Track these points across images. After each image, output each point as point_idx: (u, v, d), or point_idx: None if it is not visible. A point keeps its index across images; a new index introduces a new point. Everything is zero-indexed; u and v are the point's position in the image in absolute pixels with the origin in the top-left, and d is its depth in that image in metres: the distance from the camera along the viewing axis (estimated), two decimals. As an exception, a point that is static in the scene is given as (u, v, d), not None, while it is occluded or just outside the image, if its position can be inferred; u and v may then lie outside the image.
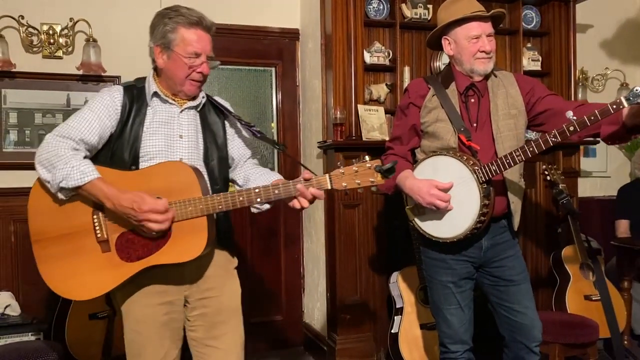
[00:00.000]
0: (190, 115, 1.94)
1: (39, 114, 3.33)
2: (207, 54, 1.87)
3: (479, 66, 2.17)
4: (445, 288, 2.25)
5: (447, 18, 2.19)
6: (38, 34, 3.29)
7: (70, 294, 1.82)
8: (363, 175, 1.73)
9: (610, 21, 4.45)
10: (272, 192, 1.77)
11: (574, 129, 1.88)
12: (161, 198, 1.73)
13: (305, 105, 3.82)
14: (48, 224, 1.80)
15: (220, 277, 1.96)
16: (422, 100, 2.25)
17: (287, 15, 3.82)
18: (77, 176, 1.71)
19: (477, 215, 2.07)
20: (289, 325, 3.85)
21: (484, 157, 2.13)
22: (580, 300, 3.27)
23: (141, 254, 1.76)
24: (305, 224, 3.86)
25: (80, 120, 1.80)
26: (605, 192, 4.43)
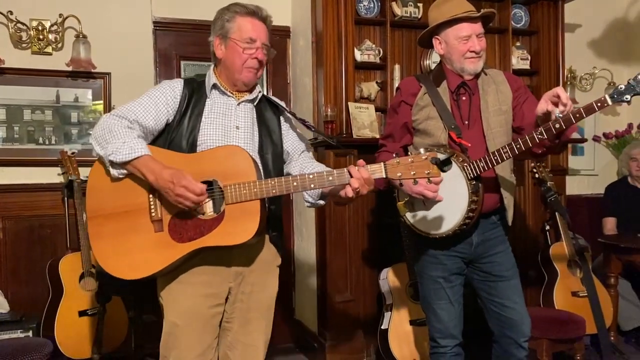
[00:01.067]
0: (247, 108, 1.98)
1: (27, 110, 3.31)
2: (262, 42, 1.92)
3: (469, 65, 2.20)
4: (435, 283, 2.28)
5: (438, 18, 2.21)
6: (27, 29, 3.26)
7: (120, 272, 1.80)
8: (418, 167, 1.71)
9: (599, 21, 4.50)
10: (326, 179, 1.76)
11: (560, 126, 1.91)
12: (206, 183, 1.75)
13: (296, 103, 3.82)
14: (104, 202, 1.82)
15: (264, 273, 1.98)
16: (413, 98, 2.28)
17: (278, 12, 3.76)
18: (125, 151, 1.74)
19: (466, 211, 2.10)
20: (280, 322, 3.84)
21: (475, 154, 2.16)
22: (567, 296, 3.31)
23: (192, 235, 1.77)
24: (296, 221, 3.86)
25: (137, 104, 1.86)
26: (593, 190, 4.48)
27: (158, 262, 1.78)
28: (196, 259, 1.84)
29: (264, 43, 1.92)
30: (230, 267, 1.90)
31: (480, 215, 2.18)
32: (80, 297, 3.04)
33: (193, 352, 1.87)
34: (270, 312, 2.03)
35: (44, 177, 3.31)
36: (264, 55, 1.93)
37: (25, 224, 3.28)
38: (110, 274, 1.81)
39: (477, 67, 2.21)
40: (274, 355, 3.63)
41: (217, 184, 1.79)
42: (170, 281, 1.86)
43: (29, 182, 3.30)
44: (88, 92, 3.41)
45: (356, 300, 3.35)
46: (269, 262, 2.00)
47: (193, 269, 1.85)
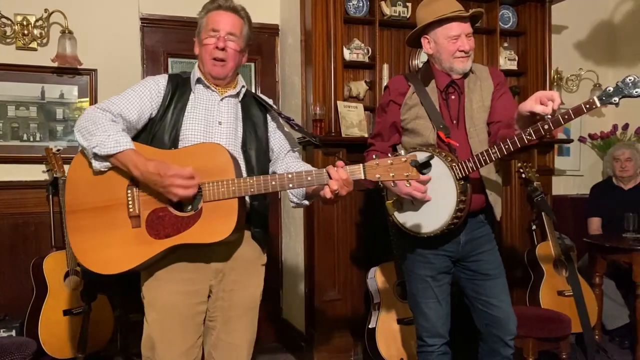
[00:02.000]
0: (231, 104, 1.97)
1: (12, 106, 3.26)
2: (227, 31, 1.90)
3: (457, 65, 2.21)
4: (423, 282, 2.28)
5: (427, 17, 2.21)
6: (11, 24, 3.21)
7: (97, 267, 1.80)
8: (397, 169, 1.70)
9: (585, 22, 4.54)
10: (304, 179, 1.75)
11: (549, 127, 1.91)
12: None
13: (285, 101, 3.81)
14: (84, 196, 1.81)
15: (247, 271, 1.97)
16: (402, 97, 2.28)
17: (266, 10, 3.80)
18: (110, 144, 1.73)
19: (454, 210, 2.10)
20: (267, 321, 3.84)
21: (463, 154, 2.17)
22: (553, 295, 3.34)
23: (170, 232, 1.76)
24: (285, 219, 3.85)
25: (122, 98, 1.86)
26: (579, 190, 4.53)
27: (134, 258, 1.78)
28: (175, 255, 1.83)
29: (229, 32, 1.90)
30: (210, 264, 1.89)
31: (468, 214, 2.19)
32: (65, 296, 3.00)
33: (177, 350, 1.86)
34: (254, 311, 2.01)
35: (28, 175, 3.27)
36: (227, 43, 1.89)
37: (9, 221, 3.23)
38: (88, 268, 1.81)
39: (466, 67, 2.22)
40: (261, 355, 3.62)
41: None
42: (152, 277, 1.86)
43: (13, 179, 3.25)
44: (74, 89, 3.37)
45: (344, 300, 3.35)
46: (251, 261, 1.98)
47: (173, 265, 1.85)
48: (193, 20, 3.51)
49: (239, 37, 1.93)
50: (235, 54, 1.92)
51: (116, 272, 1.79)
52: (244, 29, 1.95)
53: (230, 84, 1.99)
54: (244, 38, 1.96)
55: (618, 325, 3.69)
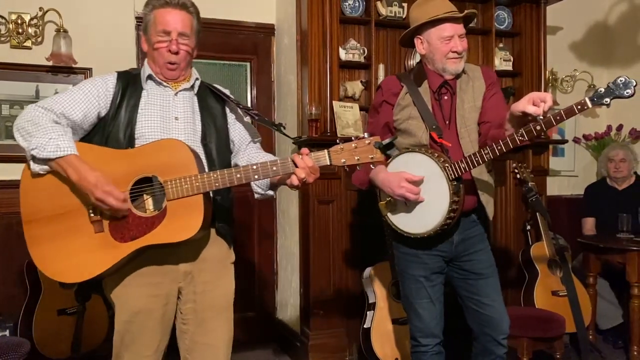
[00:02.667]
0: (187, 97, 1.93)
1: (6, 105, 3.24)
2: (179, 31, 1.85)
3: (450, 66, 2.21)
4: (417, 282, 2.29)
5: (420, 17, 2.21)
6: (6, 23, 3.20)
7: (62, 276, 1.75)
8: (362, 152, 1.70)
9: (580, 24, 4.56)
10: (270, 169, 1.73)
11: (540, 128, 1.92)
12: (124, 191, 1.71)
13: (280, 101, 3.81)
14: (40, 204, 1.75)
15: (215, 271, 1.94)
16: (395, 98, 2.28)
17: (262, 10, 3.80)
18: (51, 148, 1.68)
19: (447, 211, 2.10)
20: (262, 321, 3.85)
21: (456, 154, 2.17)
22: (547, 295, 3.35)
23: (135, 234, 1.72)
24: (280, 219, 3.85)
25: (66, 96, 1.79)
26: (573, 190, 4.54)
27: (101, 264, 1.73)
28: (142, 258, 1.79)
29: (181, 33, 1.85)
30: (178, 266, 1.86)
31: (461, 214, 2.20)
32: (59, 296, 2.99)
33: (148, 350, 1.85)
34: (228, 311, 1.98)
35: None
36: (180, 45, 1.85)
37: (3, 221, 3.21)
38: (53, 278, 1.75)
39: (459, 68, 2.22)
40: (255, 355, 3.62)
41: (157, 180, 1.73)
42: (118, 283, 1.82)
43: (7, 178, 3.22)
44: (69, 88, 3.35)
45: (339, 299, 3.35)
46: (220, 260, 1.95)
47: (140, 270, 1.81)
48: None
49: (191, 36, 1.88)
50: (186, 55, 1.89)
51: (83, 279, 1.75)
52: (194, 25, 1.90)
53: (183, 78, 1.94)
54: (195, 34, 1.91)
55: (612, 325, 3.71)
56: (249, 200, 3.79)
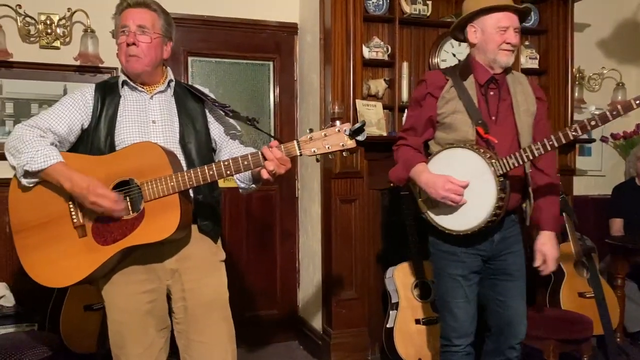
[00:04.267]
0: (163, 100, 1.96)
1: (35, 104, 3.31)
2: (137, 24, 1.88)
3: (502, 57, 2.16)
4: (454, 281, 2.26)
5: (476, 6, 2.18)
6: (35, 23, 3.26)
7: (51, 282, 1.82)
8: (332, 139, 1.70)
9: (608, 20, 4.47)
10: (241, 163, 1.75)
11: (595, 123, 1.91)
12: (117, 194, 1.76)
13: (303, 100, 3.81)
14: (27, 214, 1.82)
15: (202, 269, 1.95)
16: (439, 91, 2.23)
17: (285, 9, 3.81)
18: (40, 159, 1.74)
19: (493, 208, 2.07)
20: (284, 319, 3.86)
21: (501, 151, 2.13)
22: (574, 297, 3.29)
23: (116, 237, 1.77)
24: (301, 218, 3.86)
25: (50, 113, 1.87)
26: (600, 190, 4.45)
27: (85, 267, 1.78)
28: (129, 260, 1.85)
29: (139, 25, 1.88)
30: (163, 264, 1.90)
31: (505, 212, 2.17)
32: (86, 292, 3.03)
33: (139, 347, 1.89)
34: (223, 309, 1.98)
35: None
36: (137, 37, 1.87)
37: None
38: (43, 284, 1.82)
39: (509, 61, 2.18)
40: (278, 353, 3.64)
41: (133, 183, 1.78)
42: (108, 283, 1.87)
43: (36, 176, 3.30)
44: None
45: (361, 299, 3.34)
46: (206, 257, 1.96)
47: (126, 269, 1.86)
48: (214, 19, 3.59)
49: (151, 30, 1.90)
50: (148, 48, 1.89)
51: (69, 283, 1.82)
52: (158, 22, 1.92)
53: (158, 81, 1.97)
54: (160, 30, 1.92)
55: (640, 328, 3.63)
56: (271, 199, 3.83)
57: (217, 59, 3.70)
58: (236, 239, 3.72)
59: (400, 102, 3.48)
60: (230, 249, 2.08)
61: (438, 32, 3.62)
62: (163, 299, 1.93)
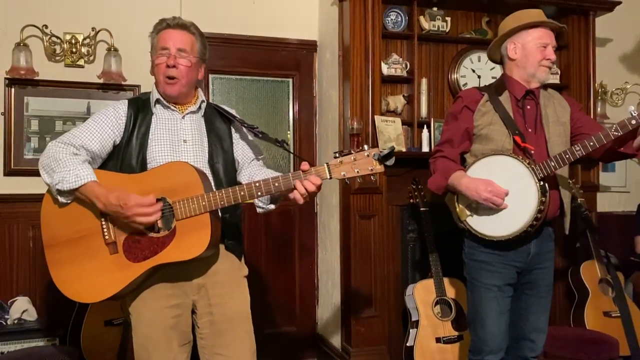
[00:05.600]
0: (194, 120, 1.99)
1: (59, 121, 3.38)
2: (177, 47, 1.92)
3: (541, 73, 2.23)
4: (488, 292, 2.24)
5: (517, 23, 2.24)
6: (61, 43, 3.34)
7: (81, 297, 1.85)
8: (362, 164, 1.72)
9: (631, 35, 4.41)
10: (272, 185, 1.77)
11: (636, 122, 1.92)
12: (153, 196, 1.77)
13: (322, 116, 3.83)
14: (59, 229, 1.85)
15: (228, 284, 1.98)
16: (475, 104, 2.28)
17: (305, 27, 3.84)
18: (72, 179, 1.77)
19: (535, 212, 2.08)
20: (303, 336, 3.83)
21: (538, 159, 2.16)
22: (599, 316, 3.22)
23: (147, 254, 1.79)
24: (320, 234, 3.85)
25: (83, 129, 1.89)
26: (625, 207, 4.37)
27: (116, 284, 1.80)
28: (157, 277, 1.86)
29: (179, 49, 1.91)
30: (191, 280, 1.91)
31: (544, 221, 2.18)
32: (107, 307, 3.06)
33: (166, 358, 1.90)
34: (246, 324, 2.00)
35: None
36: (178, 60, 1.90)
37: (54, 233, 3.32)
38: (72, 299, 1.84)
39: (548, 77, 2.26)
40: (296, 370, 3.61)
41: (165, 202, 1.80)
42: (135, 297, 1.90)
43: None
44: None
45: (381, 316, 3.30)
46: (231, 272, 1.99)
47: (156, 285, 1.88)
48: (235, 38, 3.63)
49: (190, 53, 1.94)
50: (187, 70, 1.93)
51: (100, 299, 1.83)
52: (196, 45, 1.97)
53: (190, 101, 2.00)
54: (197, 53, 1.97)
55: (669, 349, 3.52)
56: (290, 214, 3.83)
57: (238, 76, 3.74)
58: (255, 255, 3.72)
59: (419, 118, 3.48)
60: (249, 265, 2.09)
61: (457, 48, 3.62)
62: (188, 314, 1.95)
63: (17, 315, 2.97)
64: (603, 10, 3.77)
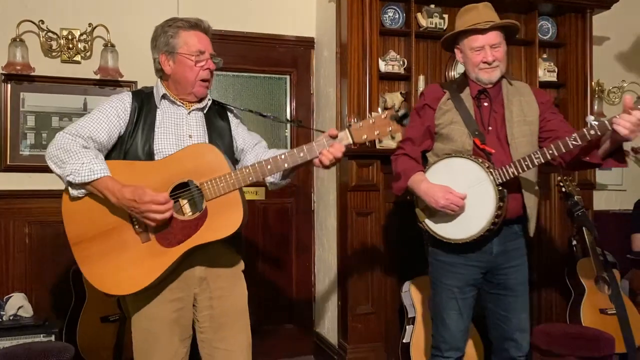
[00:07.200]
0: (198, 117, 2.01)
1: (56, 117, 3.37)
2: (210, 52, 1.95)
3: (482, 76, 2.21)
4: (449, 292, 2.26)
5: (458, 27, 2.25)
6: (57, 38, 3.33)
7: (119, 289, 1.83)
8: (380, 126, 1.76)
9: (627, 33, 4.42)
10: (297, 155, 1.80)
11: (595, 132, 1.89)
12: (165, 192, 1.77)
13: (319, 113, 3.83)
14: (84, 225, 1.83)
15: (229, 278, 1.99)
16: (437, 102, 2.28)
17: (302, 23, 3.84)
18: (85, 173, 1.76)
19: (492, 217, 2.08)
20: (300, 333, 3.83)
21: (497, 161, 2.15)
22: (595, 313, 3.22)
23: (181, 238, 1.79)
24: (318, 232, 3.85)
25: (89, 120, 1.87)
26: (621, 205, 4.38)
27: (153, 271, 1.79)
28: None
29: (211, 53, 1.96)
30: (194, 272, 1.92)
31: (502, 223, 2.16)
32: (103, 304, 3.06)
33: (166, 355, 1.90)
34: (244, 317, 2.02)
35: (70, 184, 3.36)
36: (214, 65, 1.96)
37: (50, 229, 3.31)
38: (110, 293, 1.82)
39: (492, 77, 2.21)
40: (293, 367, 3.61)
41: (193, 184, 1.80)
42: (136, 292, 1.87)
43: (56, 188, 3.32)
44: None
45: (377, 313, 3.31)
46: (233, 267, 2.01)
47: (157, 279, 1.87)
48: (231, 34, 3.63)
49: (215, 56, 1.99)
50: (213, 74, 2.00)
51: (140, 288, 1.81)
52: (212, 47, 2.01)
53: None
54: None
55: (665, 346, 3.54)
56: (287, 211, 3.83)
57: (235, 72, 3.74)
58: (252, 252, 3.72)
59: (417, 115, 3.47)
60: (246, 262, 2.10)
61: (455, 45, 3.62)
62: (189, 308, 1.95)
63: (13, 312, 2.96)
64: (600, 8, 3.78)
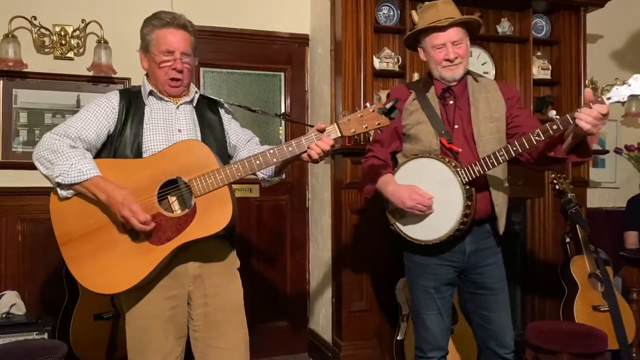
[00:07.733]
0: (187, 110, 2.00)
1: (49, 114, 3.35)
2: (181, 51, 1.92)
3: (445, 73, 2.20)
4: (426, 293, 2.25)
5: (419, 25, 2.24)
6: (50, 34, 3.31)
7: (108, 288, 1.82)
8: (368, 120, 1.78)
9: (621, 32, 4.44)
10: (286, 150, 1.80)
11: (557, 127, 1.89)
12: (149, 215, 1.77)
13: (314, 110, 3.82)
14: (72, 224, 1.82)
15: (223, 275, 1.98)
16: (403, 103, 2.26)
17: (297, 20, 3.83)
18: (74, 174, 1.75)
19: (460, 216, 2.07)
20: (294, 330, 3.84)
21: (464, 160, 2.14)
22: (588, 310, 3.24)
23: (170, 235, 1.78)
24: (312, 229, 3.85)
25: (77, 119, 1.87)
26: (614, 203, 4.40)
27: (142, 269, 1.79)
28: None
29: (183, 52, 1.93)
30: (187, 270, 1.91)
31: (473, 222, 2.16)
32: (96, 301, 3.04)
33: (161, 354, 1.89)
34: (240, 315, 2.01)
35: (63, 181, 3.34)
36: (183, 64, 1.93)
37: (43, 226, 3.29)
38: (99, 292, 1.81)
39: (455, 75, 2.19)
40: (287, 364, 3.61)
41: (181, 180, 1.80)
42: (130, 289, 1.86)
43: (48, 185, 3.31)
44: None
45: (371, 310, 3.31)
46: (227, 264, 2.00)
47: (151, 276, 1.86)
48: (226, 31, 3.62)
49: (191, 54, 1.96)
50: (189, 72, 1.97)
51: (129, 287, 1.80)
52: (192, 43, 1.98)
53: (185, 92, 2.02)
54: (194, 51, 1.99)
55: (657, 343, 3.56)
56: (281, 209, 3.82)
57: (229, 69, 3.73)
58: (246, 249, 3.71)
59: (411, 113, 3.47)
60: (240, 259, 2.09)
61: (449, 42, 3.61)
62: (184, 305, 1.94)
63: (6, 309, 2.94)
64: (594, 6, 3.78)
